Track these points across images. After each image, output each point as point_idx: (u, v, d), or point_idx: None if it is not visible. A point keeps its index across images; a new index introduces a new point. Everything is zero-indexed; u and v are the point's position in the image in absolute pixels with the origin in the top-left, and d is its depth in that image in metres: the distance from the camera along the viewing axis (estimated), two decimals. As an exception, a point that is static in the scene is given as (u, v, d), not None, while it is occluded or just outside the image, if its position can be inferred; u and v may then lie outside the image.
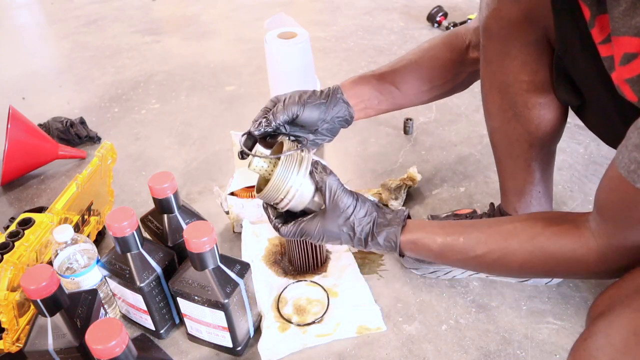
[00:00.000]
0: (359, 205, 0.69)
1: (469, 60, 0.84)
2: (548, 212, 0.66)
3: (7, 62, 2.02)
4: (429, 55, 0.85)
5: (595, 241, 0.58)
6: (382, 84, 0.83)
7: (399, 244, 0.69)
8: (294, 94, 0.75)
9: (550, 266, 0.62)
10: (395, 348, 0.83)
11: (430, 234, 0.69)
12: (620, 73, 0.50)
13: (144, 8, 2.45)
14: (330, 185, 0.68)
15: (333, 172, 0.69)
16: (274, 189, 0.67)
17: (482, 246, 0.65)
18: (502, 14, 0.73)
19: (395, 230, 0.69)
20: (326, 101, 0.77)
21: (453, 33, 0.86)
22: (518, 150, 0.83)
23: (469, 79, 0.89)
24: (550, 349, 0.81)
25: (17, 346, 0.81)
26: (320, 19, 2.15)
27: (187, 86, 1.69)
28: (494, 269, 0.67)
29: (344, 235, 0.70)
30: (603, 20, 0.53)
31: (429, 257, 0.71)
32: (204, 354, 0.85)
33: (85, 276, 0.83)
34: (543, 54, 0.74)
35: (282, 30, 1.19)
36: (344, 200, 0.68)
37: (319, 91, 0.78)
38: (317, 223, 0.69)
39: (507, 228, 0.65)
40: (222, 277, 0.76)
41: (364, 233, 0.69)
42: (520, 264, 0.64)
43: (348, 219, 0.68)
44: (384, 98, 0.84)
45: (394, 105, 0.86)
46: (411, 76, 0.84)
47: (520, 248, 0.63)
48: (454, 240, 0.67)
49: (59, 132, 1.37)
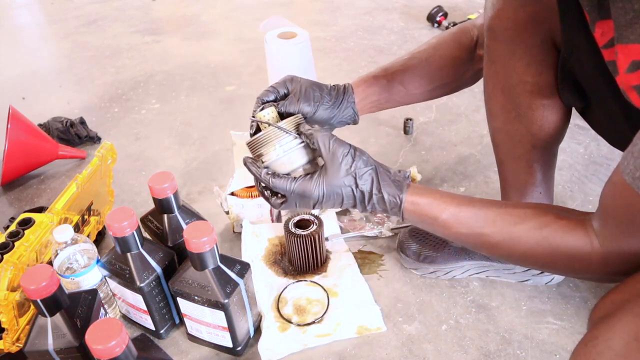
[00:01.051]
0: (357, 154, 0.65)
1: (477, 57, 0.84)
2: (557, 206, 0.65)
3: (7, 62, 2.02)
4: (439, 55, 0.85)
5: (598, 243, 0.57)
6: (391, 85, 0.83)
7: (404, 202, 0.66)
8: (308, 90, 0.74)
9: (552, 259, 0.61)
10: (395, 348, 0.83)
11: (439, 200, 0.66)
12: (628, 79, 0.49)
13: (144, 8, 2.45)
14: (322, 139, 0.64)
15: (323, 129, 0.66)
16: (266, 136, 0.67)
17: (489, 224, 0.63)
18: (507, 14, 0.73)
19: (401, 184, 0.66)
20: (337, 106, 0.77)
21: (461, 30, 0.85)
22: (520, 151, 0.83)
23: (474, 76, 0.88)
24: (550, 349, 0.81)
25: (17, 346, 0.81)
26: (320, 19, 2.15)
27: (187, 86, 1.69)
28: (495, 251, 0.65)
29: (346, 189, 0.65)
30: (604, 26, 0.53)
31: (432, 224, 0.67)
32: (204, 354, 0.85)
33: (85, 276, 0.83)
34: (548, 55, 0.74)
35: (282, 30, 1.19)
36: (340, 148, 0.64)
37: (331, 90, 0.78)
38: (317, 179, 0.65)
39: (517, 212, 0.63)
40: (222, 277, 0.76)
41: (367, 184, 0.65)
42: (524, 251, 0.62)
43: (350, 168, 0.65)
44: (391, 98, 0.84)
45: (398, 104, 0.87)
46: (420, 76, 0.84)
47: (526, 235, 0.62)
48: (463, 212, 0.65)
49: (59, 132, 1.37)
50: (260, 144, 0.68)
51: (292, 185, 0.65)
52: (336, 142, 0.65)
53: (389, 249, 1.01)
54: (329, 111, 0.77)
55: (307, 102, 0.73)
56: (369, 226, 1.04)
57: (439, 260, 0.92)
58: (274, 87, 0.75)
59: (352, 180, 0.65)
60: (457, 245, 0.92)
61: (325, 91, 0.77)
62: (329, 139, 0.65)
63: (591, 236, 0.58)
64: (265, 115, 0.71)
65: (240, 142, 1.17)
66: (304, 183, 0.65)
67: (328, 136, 0.65)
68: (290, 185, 0.66)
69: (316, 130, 0.66)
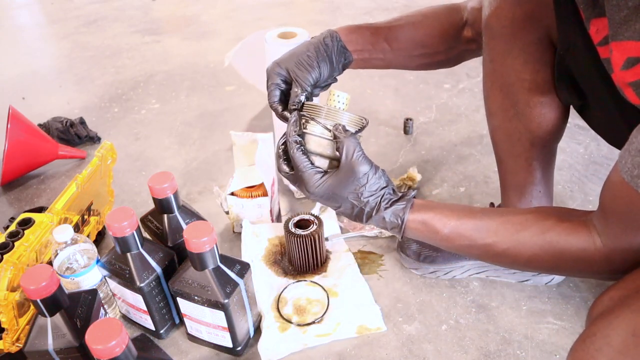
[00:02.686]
0: (375, 177, 0.64)
1: (464, 38, 0.84)
2: (558, 208, 0.65)
3: (7, 62, 2.01)
4: (428, 23, 0.84)
5: (601, 241, 0.57)
6: (375, 38, 0.82)
7: (405, 222, 0.65)
8: (300, 59, 0.73)
9: (557, 262, 0.61)
10: (395, 348, 0.83)
11: (440, 215, 0.65)
12: (624, 76, 0.50)
13: (144, 8, 2.45)
14: (348, 147, 0.63)
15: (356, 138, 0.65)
16: (332, 112, 0.66)
17: (492, 235, 0.63)
18: (504, 12, 0.73)
19: (404, 207, 0.65)
20: (330, 51, 0.75)
21: (454, 8, 0.85)
22: (519, 149, 0.83)
23: (458, 56, 0.88)
24: (550, 349, 0.81)
25: (17, 346, 0.81)
26: (320, 19, 2.15)
27: (187, 86, 1.69)
28: (500, 260, 0.65)
29: (347, 203, 0.65)
30: (598, 24, 0.53)
31: (434, 239, 0.67)
32: (204, 354, 0.85)
33: (85, 276, 0.83)
34: (545, 53, 0.74)
35: (282, 30, 1.18)
36: (361, 166, 0.63)
37: (319, 42, 0.76)
38: (325, 179, 0.64)
39: (518, 219, 0.63)
40: (222, 277, 0.76)
41: (369, 206, 0.65)
42: (528, 257, 0.62)
43: (359, 188, 0.64)
44: (375, 52, 0.82)
45: (384, 62, 0.85)
46: (405, 37, 0.83)
47: (530, 241, 0.62)
48: (464, 224, 0.65)
49: (59, 132, 1.37)
50: (319, 113, 0.67)
51: (303, 168, 0.65)
52: (359, 158, 0.63)
53: (389, 249, 1.01)
54: (327, 63, 0.75)
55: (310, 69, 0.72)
56: (369, 226, 1.04)
57: (439, 260, 0.92)
58: (274, 84, 0.74)
59: (356, 197, 0.64)
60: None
61: (311, 46, 0.75)
62: (354, 150, 0.63)
63: (593, 236, 0.58)
64: (341, 99, 0.68)
65: (240, 142, 1.17)
66: (313, 175, 0.65)
67: (354, 147, 0.63)
68: (301, 166, 0.65)
69: (346, 137, 0.64)
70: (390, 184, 0.67)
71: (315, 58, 0.73)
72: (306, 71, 0.72)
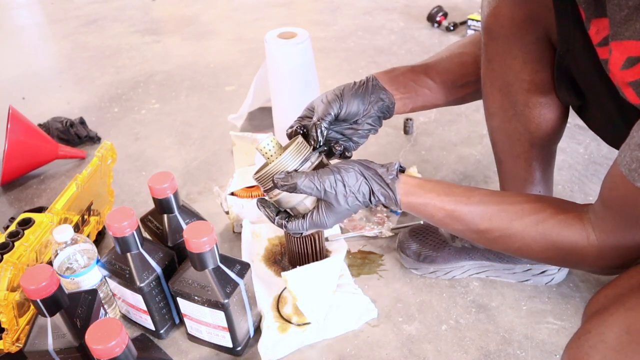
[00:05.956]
0: (343, 174, 0.65)
1: None
2: (557, 199, 0.65)
3: (7, 62, 2.02)
4: (459, 52, 0.85)
5: (595, 236, 0.58)
6: (416, 75, 0.82)
7: (399, 202, 0.66)
8: (328, 92, 0.75)
9: (548, 254, 0.62)
10: (395, 348, 0.83)
11: (436, 199, 0.66)
12: (623, 76, 0.50)
13: (144, 8, 2.45)
14: (305, 185, 0.64)
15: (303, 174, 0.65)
16: (272, 171, 0.66)
17: (487, 222, 0.64)
18: (503, 12, 0.73)
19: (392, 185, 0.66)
20: (362, 89, 0.76)
21: (478, 35, 0.85)
22: (519, 149, 0.83)
23: None
24: (550, 349, 0.81)
25: (17, 346, 0.81)
26: (320, 19, 2.15)
27: (187, 86, 1.69)
28: (492, 245, 0.67)
29: (353, 207, 0.67)
30: (599, 24, 0.53)
31: (429, 220, 0.69)
32: (204, 354, 0.85)
33: (85, 276, 0.83)
34: (544, 53, 0.74)
35: (282, 30, 1.18)
36: (326, 181, 0.64)
37: (352, 83, 0.77)
38: (325, 212, 0.66)
39: (515, 209, 0.64)
40: (222, 277, 0.76)
41: (366, 196, 0.66)
42: (520, 246, 0.64)
43: (345, 192, 0.65)
44: (418, 89, 0.82)
45: (431, 99, 0.84)
46: (444, 69, 0.83)
47: (523, 231, 0.62)
48: (459, 210, 0.65)
49: (59, 132, 1.38)
50: (264, 180, 0.68)
51: (304, 225, 0.68)
52: (319, 178, 0.64)
53: (389, 249, 1.01)
54: (357, 97, 0.75)
55: (334, 100, 0.73)
56: (369, 226, 1.04)
57: (439, 260, 0.92)
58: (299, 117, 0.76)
59: (353, 198, 0.66)
60: (458, 246, 0.92)
61: (348, 84, 0.76)
62: (311, 181, 0.64)
63: (587, 230, 0.59)
64: (265, 147, 0.68)
65: (240, 143, 1.17)
66: (314, 219, 0.67)
67: (309, 179, 0.64)
68: (303, 226, 0.68)
69: (297, 181, 0.64)
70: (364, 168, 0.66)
71: (340, 93, 0.74)
72: (327, 104, 0.73)
